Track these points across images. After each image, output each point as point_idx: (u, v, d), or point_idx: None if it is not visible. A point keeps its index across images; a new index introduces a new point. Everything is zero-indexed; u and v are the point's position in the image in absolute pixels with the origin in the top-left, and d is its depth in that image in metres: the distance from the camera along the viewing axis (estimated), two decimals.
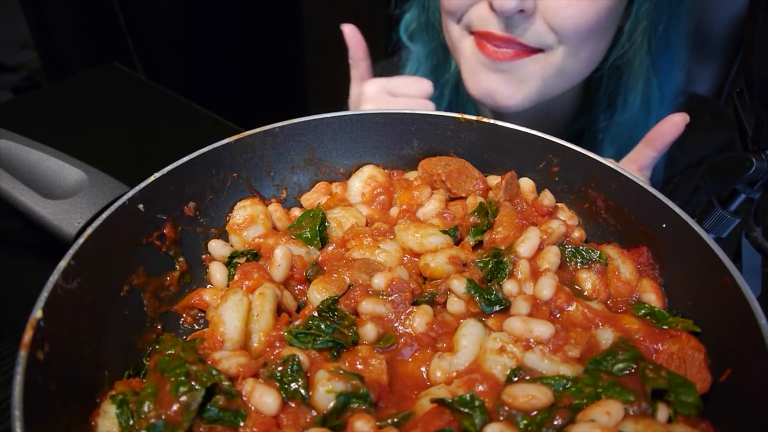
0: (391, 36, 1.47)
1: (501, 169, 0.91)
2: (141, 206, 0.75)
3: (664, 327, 0.69)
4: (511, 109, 1.20)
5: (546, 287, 0.72)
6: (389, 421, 0.60)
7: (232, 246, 0.84)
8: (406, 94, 1.14)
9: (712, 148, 1.29)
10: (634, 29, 1.15)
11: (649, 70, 1.20)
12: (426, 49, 1.41)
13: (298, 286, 0.78)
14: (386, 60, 1.59)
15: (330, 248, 0.82)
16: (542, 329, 0.67)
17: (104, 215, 0.71)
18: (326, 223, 0.84)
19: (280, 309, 0.72)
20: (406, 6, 1.42)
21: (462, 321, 0.71)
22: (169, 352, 0.64)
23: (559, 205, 0.87)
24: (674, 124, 0.98)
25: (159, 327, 0.76)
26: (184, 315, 0.79)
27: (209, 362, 0.62)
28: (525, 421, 0.59)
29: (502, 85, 1.17)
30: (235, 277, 0.74)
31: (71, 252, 0.65)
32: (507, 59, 1.14)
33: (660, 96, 1.23)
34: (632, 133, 1.24)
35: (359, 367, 0.66)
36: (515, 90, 1.18)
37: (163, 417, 0.57)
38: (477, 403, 0.59)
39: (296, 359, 0.63)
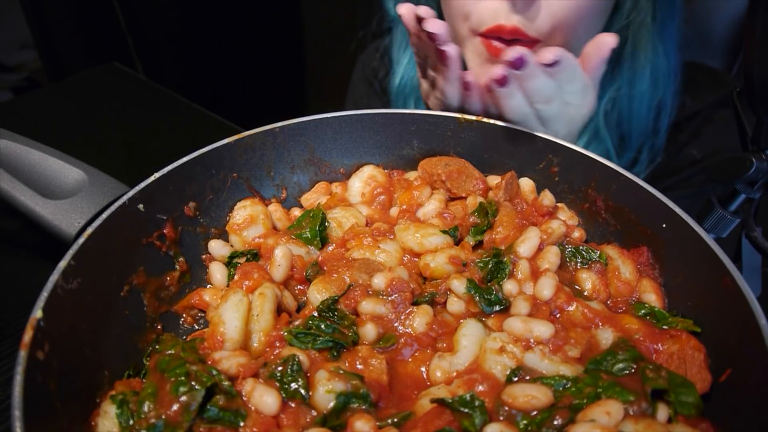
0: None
1: (501, 169, 0.91)
2: (141, 206, 0.75)
3: (664, 327, 0.69)
4: None
5: (546, 287, 0.72)
6: (389, 421, 0.60)
7: (232, 246, 0.84)
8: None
9: (705, 105, 1.29)
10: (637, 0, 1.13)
11: (655, 38, 1.17)
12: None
13: (298, 286, 0.78)
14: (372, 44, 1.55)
15: (330, 248, 0.82)
16: (542, 329, 0.67)
17: (104, 215, 0.71)
18: (326, 223, 0.84)
19: (280, 309, 0.72)
20: None
21: (462, 321, 0.71)
22: (169, 352, 0.64)
23: (559, 205, 0.87)
24: (598, 45, 0.94)
25: (159, 327, 0.76)
26: (184, 315, 0.79)
27: (209, 362, 0.62)
28: (525, 421, 0.59)
29: None
30: (235, 277, 0.74)
31: (71, 252, 0.65)
32: None
33: (667, 65, 1.21)
34: (641, 103, 1.22)
35: (359, 367, 0.66)
36: None
37: (163, 417, 0.57)
38: (477, 403, 0.59)
39: (296, 359, 0.63)
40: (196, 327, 0.79)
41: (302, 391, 0.61)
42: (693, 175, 1.27)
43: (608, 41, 0.92)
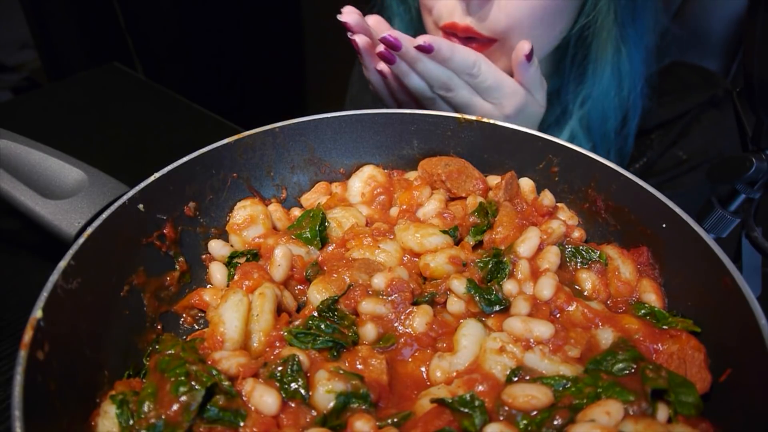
0: None
1: (501, 169, 0.91)
2: (141, 206, 0.75)
3: (664, 327, 0.69)
4: None
5: (546, 287, 0.72)
6: (389, 421, 0.60)
7: (232, 246, 0.84)
8: None
9: (694, 105, 1.28)
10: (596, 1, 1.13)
11: (617, 39, 1.17)
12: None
13: (298, 286, 0.78)
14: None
15: (330, 248, 0.82)
16: (542, 329, 0.67)
17: (104, 215, 0.71)
18: (326, 223, 0.84)
19: (280, 309, 0.72)
20: None
21: (462, 321, 0.71)
22: (169, 352, 0.64)
23: (559, 205, 0.87)
24: (516, 50, 1.00)
25: (159, 327, 0.76)
26: (184, 315, 0.79)
27: (209, 362, 0.62)
28: (525, 421, 0.59)
29: None
30: (235, 277, 0.74)
31: (71, 252, 0.65)
32: None
33: (630, 67, 1.21)
34: (605, 105, 1.23)
35: (359, 367, 0.66)
36: None
37: (163, 417, 0.57)
38: (477, 403, 0.59)
39: (296, 359, 0.63)
40: (196, 327, 0.79)
41: (302, 391, 0.61)
42: (678, 176, 1.27)
43: (523, 47, 0.98)
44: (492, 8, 1.03)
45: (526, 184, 0.89)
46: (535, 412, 0.60)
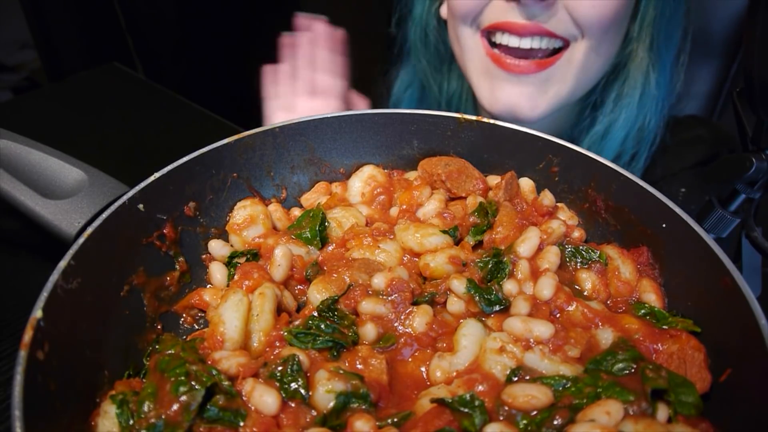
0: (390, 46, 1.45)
1: (501, 169, 0.91)
2: (141, 206, 0.75)
3: (664, 327, 0.69)
4: (533, 120, 1.16)
5: (546, 287, 0.72)
6: (389, 421, 0.60)
7: (232, 246, 0.84)
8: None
9: (699, 159, 1.29)
10: (642, 23, 1.15)
11: (649, 66, 1.18)
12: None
13: (298, 286, 0.78)
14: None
15: (330, 248, 0.82)
16: (542, 329, 0.67)
17: (104, 215, 0.71)
18: (326, 223, 0.84)
19: (280, 309, 0.72)
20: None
21: (462, 321, 0.71)
22: (169, 352, 0.64)
23: (559, 205, 0.87)
24: None
25: (159, 327, 0.76)
26: (184, 315, 0.79)
27: (209, 362, 0.62)
28: (525, 421, 0.59)
29: (523, 98, 1.14)
30: (235, 277, 0.74)
31: (71, 252, 0.65)
32: (529, 72, 1.11)
33: (656, 93, 1.22)
34: (621, 126, 1.23)
35: (359, 367, 0.66)
36: (537, 101, 1.14)
37: (163, 417, 0.57)
38: (477, 402, 0.59)
39: (296, 359, 0.63)
40: (196, 327, 0.79)
41: (302, 391, 0.61)
42: (670, 184, 1.27)
43: None
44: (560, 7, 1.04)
45: (526, 184, 0.89)
46: (535, 412, 0.60)
